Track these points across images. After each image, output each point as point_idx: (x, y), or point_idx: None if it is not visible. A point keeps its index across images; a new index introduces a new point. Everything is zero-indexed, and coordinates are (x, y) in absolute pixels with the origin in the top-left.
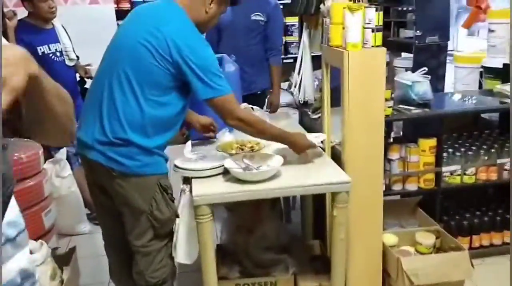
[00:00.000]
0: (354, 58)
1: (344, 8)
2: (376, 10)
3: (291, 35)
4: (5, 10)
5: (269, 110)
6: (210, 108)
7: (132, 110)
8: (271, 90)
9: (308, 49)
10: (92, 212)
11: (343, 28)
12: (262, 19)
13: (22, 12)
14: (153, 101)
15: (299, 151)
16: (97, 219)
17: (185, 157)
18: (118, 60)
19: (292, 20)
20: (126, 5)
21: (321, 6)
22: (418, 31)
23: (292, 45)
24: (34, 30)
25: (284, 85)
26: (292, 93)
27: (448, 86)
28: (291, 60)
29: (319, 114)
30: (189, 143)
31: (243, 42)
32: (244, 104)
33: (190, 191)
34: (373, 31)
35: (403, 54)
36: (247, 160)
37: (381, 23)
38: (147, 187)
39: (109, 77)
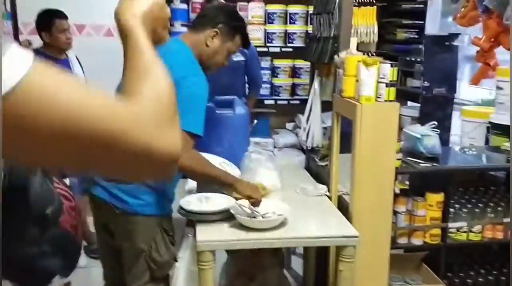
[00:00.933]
0: (367, 111)
1: (359, 61)
2: (391, 66)
3: (299, 77)
4: (21, 39)
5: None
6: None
7: None
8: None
9: (319, 96)
10: (89, 244)
11: (357, 80)
12: (242, 58)
13: (37, 41)
14: None
15: (242, 194)
16: (100, 259)
17: (189, 197)
18: None
19: (301, 63)
20: None
21: (335, 57)
22: (425, 82)
23: (299, 87)
24: (48, 60)
25: (290, 126)
26: (296, 135)
27: (453, 137)
28: (297, 102)
29: (327, 162)
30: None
31: (228, 82)
32: (222, 160)
33: (194, 235)
34: (387, 85)
35: (409, 103)
36: (253, 206)
37: (395, 78)
38: (148, 227)
39: None
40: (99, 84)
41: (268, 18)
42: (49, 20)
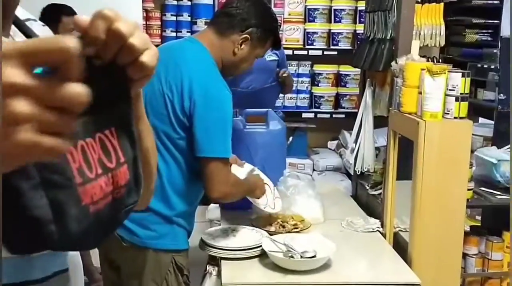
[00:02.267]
0: (432, 130)
1: (422, 69)
2: (463, 76)
3: (345, 86)
4: None
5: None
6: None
7: None
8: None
9: (371, 110)
10: (91, 281)
11: (420, 92)
12: (275, 58)
13: None
14: (171, 158)
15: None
16: None
17: (213, 229)
18: None
19: (347, 69)
20: (156, 40)
21: (393, 63)
22: (501, 94)
23: (344, 98)
24: None
25: (332, 144)
26: (341, 155)
27: None
28: (342, 116)
29: (380, 190)
30: (212, 206)
31: (260, 83)
32: (250, 167)
33: (218, 274)
34: (457, 99)
35: (481, 120)
36: (290, 242)
37: (467, 90)
38: (159, 263)
39: None
40: None
41: (309, 16)
42: (55, 17)
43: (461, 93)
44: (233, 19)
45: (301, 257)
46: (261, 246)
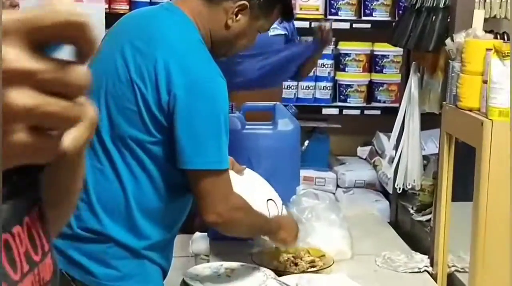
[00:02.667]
0: (501, 132)
1: (489, 50)
2: None
3: (381, 71)
4: None
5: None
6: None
7: (110, 187)
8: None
9: (417, 105)
10: None
11: (484, 81)
12: (282, 32)
13: None
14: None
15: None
16: None
17: (200, 268)
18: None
19: (385, 48)
20: (123, 7)
21: (447, 41)
22: None
23: (380, 88)
24: None
25: (363, 151)
26: (375, 166)
27: None
28: (377, 112)
29: (429, 215)
30: (197, 235)
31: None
32: (268, 190)
33: None
34: None
35: None
36: (304, 285)
37: None
38: None
39: None
40: None
41: None
42: None
43: None
44: None
45: None
46: None
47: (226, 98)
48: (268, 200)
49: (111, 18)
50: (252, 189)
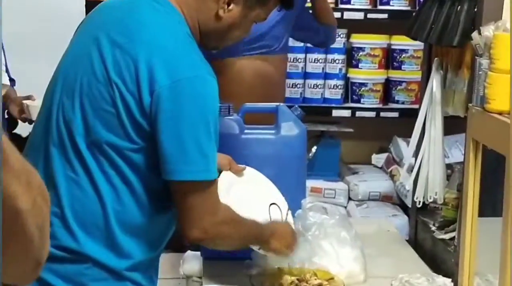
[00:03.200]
0: None
1: None
2: None
3: (399, 68)
4: None
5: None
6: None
7: (86, 200)
8: None
9: (440, 107)
10: None
11: None
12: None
13: None
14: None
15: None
16: None
17: None
18: (66, 109)
19: (403, 41)
20: None
21: (474, 34)
22: None
23: (398, 87)
24: None
25: (379, 159)
26: (392, 176)
27: None
28: (395, 114)
29: (453, 233)
30: (189, 254)
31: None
32: (274, 194)
33: None
34: None
35: None
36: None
37: None
38: None
39: (47, 131)
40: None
41: None
42: None
43: None
44: None
45: None
46: None
47: (216, 100)
48: (271, 204)
49: (91, 6)
50: (252, 192)
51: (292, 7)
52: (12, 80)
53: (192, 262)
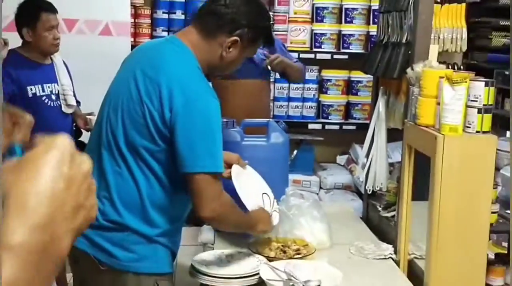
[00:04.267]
0: (451, 145)
1: (441, 77)
2: (487, 85)
3: (356, 94)
4: None
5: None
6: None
7: (127, 186)
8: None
9: (384, 122)
10: None
11: (438, 103)
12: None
13: (16, 39)
14: (151, 173)
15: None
16: None
17: (205, 254)
18: (113, 122)
19: (359, 75)
20: (145, 39)
21: (408, 70)
22: None
23: (355, 108)
24: (26, 65)
25: (342, 159)
26: (351, 172)
27: None
28: (353, 127)
29: (394, 212)
30: (205, 227)
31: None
32: (263, 187)
33: None
34: (479, 111)
35: (508, 133)
36: (291, 270)
37: (491, 101)
38: None
39: (99, 137)
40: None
41: (317, 15)
42: (33, 14)
43: (484, 105)
44: (221, 19)
45: None
46: (258, 273)
47: (217, 114)
48: (263, 193)
49: None
50: (252, 182)
51: (273, 45)
52: (78, 102)
53: (207, 233)
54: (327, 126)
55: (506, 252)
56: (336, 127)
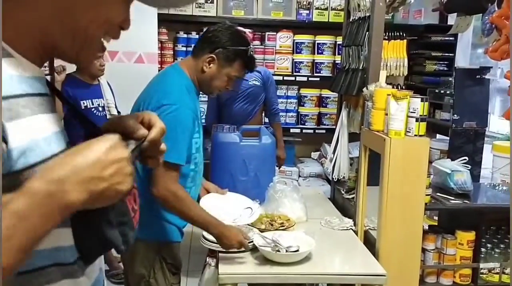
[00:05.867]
0: (396, 145)
1: (388, 95)
2: (422, 101)
3: (326, 107)
4: (55, 65)
5: (277, 165)
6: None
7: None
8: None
9: (346, 127)
10: (111, 269)
11: (386, 114)
12: (258, 83)
13: (71, 67)
14: None
15: (225, 246)
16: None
17: None
18: None
19: (328, 93)
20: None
21: (364, 89)
22: (455, 115)
23: (325, 117)
24: (80, 85)
25: (315, 155)
26: (322, 164)
27: (483, 171)
28: (323, 131)
29: (353, 195)
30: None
31: (245, 107)
32: (246, 203)
33: (216, 265)
34: (417, 120)
35: (438, 136)
36: (277, 238)
37: (426, 113)
38: (147, 253)
39: None
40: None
41: (296, 48)
42: None
43: (420, 115)
44: (205, 42)
45: (286, 251)
46: (252, 241)
47: (184, 120)
48: (246, 207)
49: None
50: (231, 201)
51: (253, 70)
52: (118, 112)
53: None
54: (304, 131)
55: (436, 223)
56: (311, 131)
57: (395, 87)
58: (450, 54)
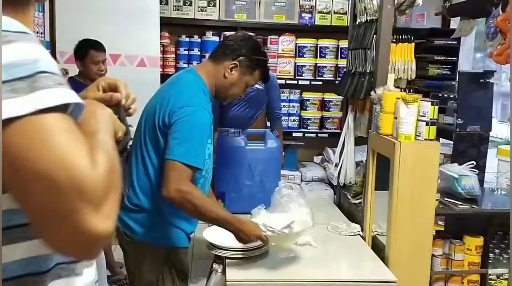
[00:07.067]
0: (406, 150)
1: (398, 98)
2: (432, 104)
3: (328, 110)
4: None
5: None
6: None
7: (142, 177)
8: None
9: (352, 131)
10: (112, 274)
11: (395, 118)
12: (261, 87)
13: (75, 69)
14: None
15: (244, 242)
16: None
17: (215, 228)
18: (140, 129)
19: (330, 96)
20: (171, 70)
21: (372, 92)
22: (459, 119)
23: (328, 121)
24: (81, 88)
25: (317, 159)
26: (324, 168)
27: (487, 175)
28: (326, 135)
29: (360, 200)
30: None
31: (246, 111)
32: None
33: (223, 272)
34: (427, 124)
35: (441, 140)
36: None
37: (436, 116)
38: (155, 258)
39: (135, 143)
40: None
41: (299, 52)
42: (84, 50)
43: (430, 119)
44: (226, 49)
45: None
46: (262, 247)
47: (201, 123)
48: (292, 221)
49: (164, 77)
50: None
51: (267, 82)
52: None
53: None
54: (306, 134)
55: (443, 229)
56: (313, 135)
57: (402, 90)
58: (453, 58)
